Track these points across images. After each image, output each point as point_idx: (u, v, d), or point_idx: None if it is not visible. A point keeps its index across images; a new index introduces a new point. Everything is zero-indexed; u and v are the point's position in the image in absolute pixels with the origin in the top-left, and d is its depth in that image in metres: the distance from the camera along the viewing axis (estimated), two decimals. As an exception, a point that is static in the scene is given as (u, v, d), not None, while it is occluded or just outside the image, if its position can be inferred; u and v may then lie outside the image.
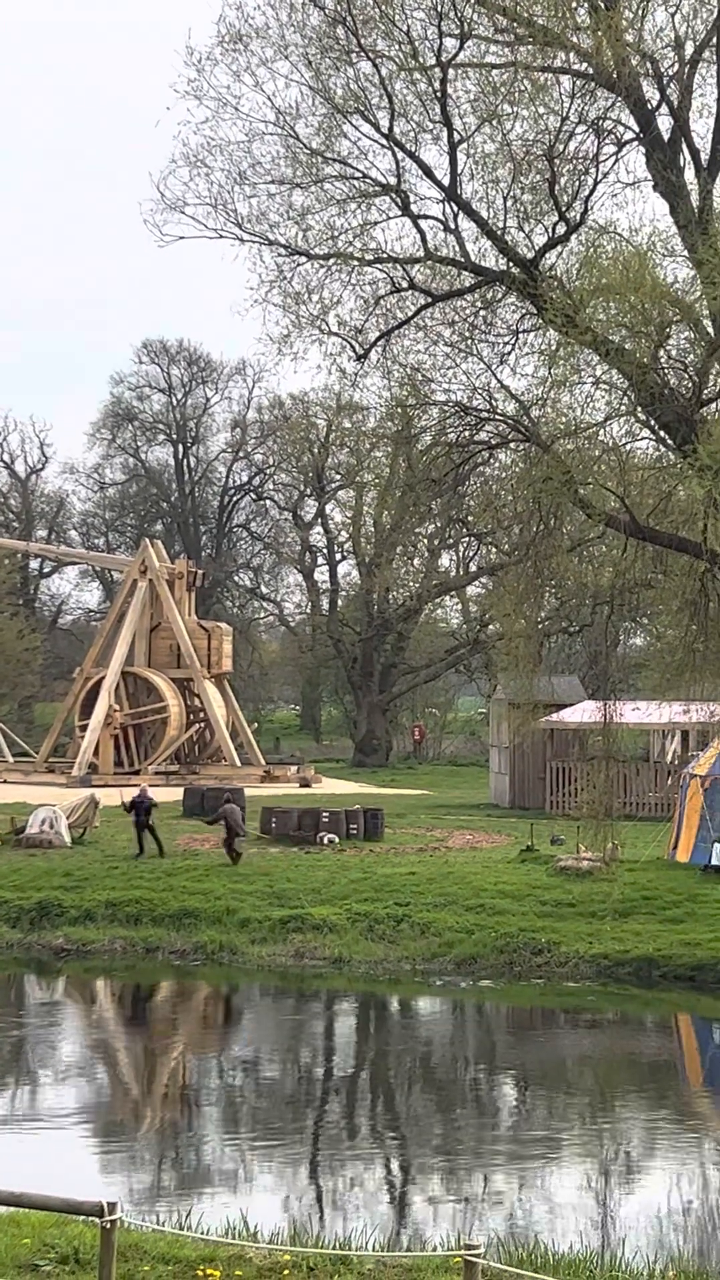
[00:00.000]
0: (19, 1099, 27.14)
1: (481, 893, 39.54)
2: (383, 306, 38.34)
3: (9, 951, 38.50)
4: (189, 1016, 34.61)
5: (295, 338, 37.85)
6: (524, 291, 36.36)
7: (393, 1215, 20.60)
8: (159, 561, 77.25)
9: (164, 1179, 22.35)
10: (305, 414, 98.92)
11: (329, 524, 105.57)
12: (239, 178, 37.79)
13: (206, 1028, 33.73)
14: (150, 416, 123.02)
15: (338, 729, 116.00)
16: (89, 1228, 15.34)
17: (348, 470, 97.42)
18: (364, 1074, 29.85)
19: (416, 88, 36.49)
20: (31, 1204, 12.46)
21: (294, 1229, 18.82)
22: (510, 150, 36.14)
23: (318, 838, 46.97)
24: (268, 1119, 25.60)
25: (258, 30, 36.65)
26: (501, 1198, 21.35)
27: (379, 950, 37.09)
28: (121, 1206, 11.87)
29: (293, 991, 35.56)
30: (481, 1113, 26.56)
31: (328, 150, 37.26)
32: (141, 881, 41.14)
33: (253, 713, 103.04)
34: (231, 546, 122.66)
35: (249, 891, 40.19)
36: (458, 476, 41.68)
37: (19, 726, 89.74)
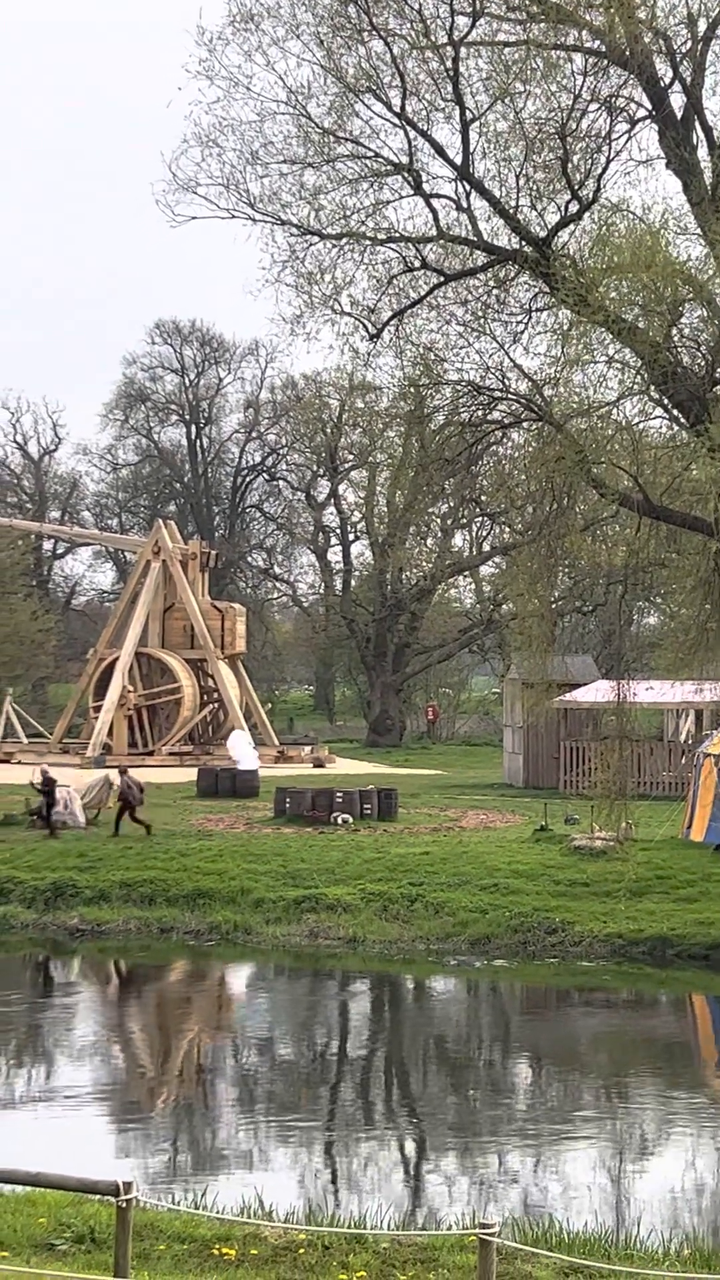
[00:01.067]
0: (35, 1078, 27.21)
1: (495, 872, 39.55)
2: (395, 286, 38.31)
3: (25, 932, 38.59)
4: (204, 996, 34.66)
5: (308, 317, 37.87)
6: (536, 270, 36.32)
7: (408, 1194, 20.63)
8: (172, 542, 77.23)
9: (179, 1158, 22.39)
10: (318, 394, 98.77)
11: (342, 504, 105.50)
12: (251, 157, 37.79)
13: (221, 1008, 33.78)
14: (163, 397, 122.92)
15: (351, 709, 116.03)
16: (105, 1207, 15.38)
17: (361, 450, 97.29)
18: (378, 1053, 29.89)
19: (428, 66, 36.45)
20: (48, 1183, 12.48)
21: (309, 1208, 18.87)
22: (523, 128, 36.08)
23: (332, 818, 46.98)
24: (283, 1098, 25.64)
25: (269, 9, 36.63)
26: (516, 1177, 21.38)
27: (393, 930, 37.12)
28: (137, 1186, 11.88)
29: (307, 971, 35.60)
30: (496, 1092, 26.58)
31: (340, 129, 37.22)
32: (156, 862, 41.19)
33: (266, 693, 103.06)
34: (245, 527, 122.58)
35: (263, 872, 40.22)
36: (471, 456, 41.65)
37: (33, 708, 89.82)
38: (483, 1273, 11.12)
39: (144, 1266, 14.31)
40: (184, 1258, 15.17)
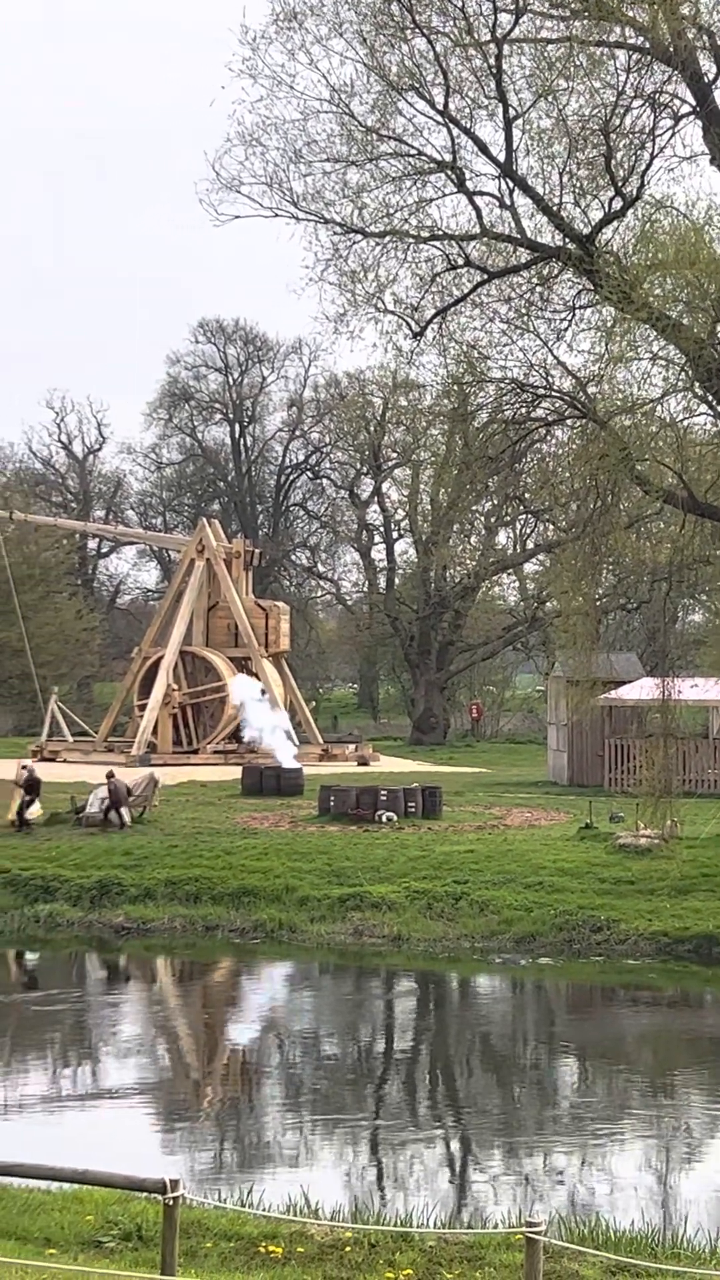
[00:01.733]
0: (82, 1076, 27.29)
1: (540, 870, 39.50)
2: (439, 284, 38.31)
3: (70, 929, 38.70)
4: (249, 994, 34.70)
5: (351, 316, 37.90)
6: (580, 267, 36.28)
7: (454, 1192, 20.62)
8: (216, 541, 77.34)
9: (226, 1156, 22.43)
10: (361, 392, 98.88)
11: (386, 502, 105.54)
12: (294, 156, 37.82)
13: (266, 1005, 33.81)
14: (207, 396, 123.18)
15: (395, 707, 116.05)
16: (152, 1205, 15.43)
17: (404, 448, 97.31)
18: (424, 1051, 29.88)
19: (471, 64, 36.42)
20: (95, 1181, 12.52)
21: (355, 1206, 18.88)
22: (566, 125, 36.03)
23: (376, 816, 46.98)
24: (329, 1096, 25.65)
25: (312, 8, 36.66)
26: (563, 1175, 21.34)
27: (438, 928, 37.11)
28: (184, 1183, 11.91)
29: (352, 969, 35.62)
30: (541, 1090, 26.55)
31: (383, 127, 37.22)
32: (201, 860, 41.25)
33: (310, 691, 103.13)
34: (288, 525, 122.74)
35: (308, 870, 40.25)
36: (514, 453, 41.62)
37: (78, 706, 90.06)
38: (529, 1271, 11.12)
39: (191, 1264, 14.35)
40: (230, 1255, 15.20)
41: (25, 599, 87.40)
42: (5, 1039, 29.83)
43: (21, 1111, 24.29)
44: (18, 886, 40.39)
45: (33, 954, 37.77)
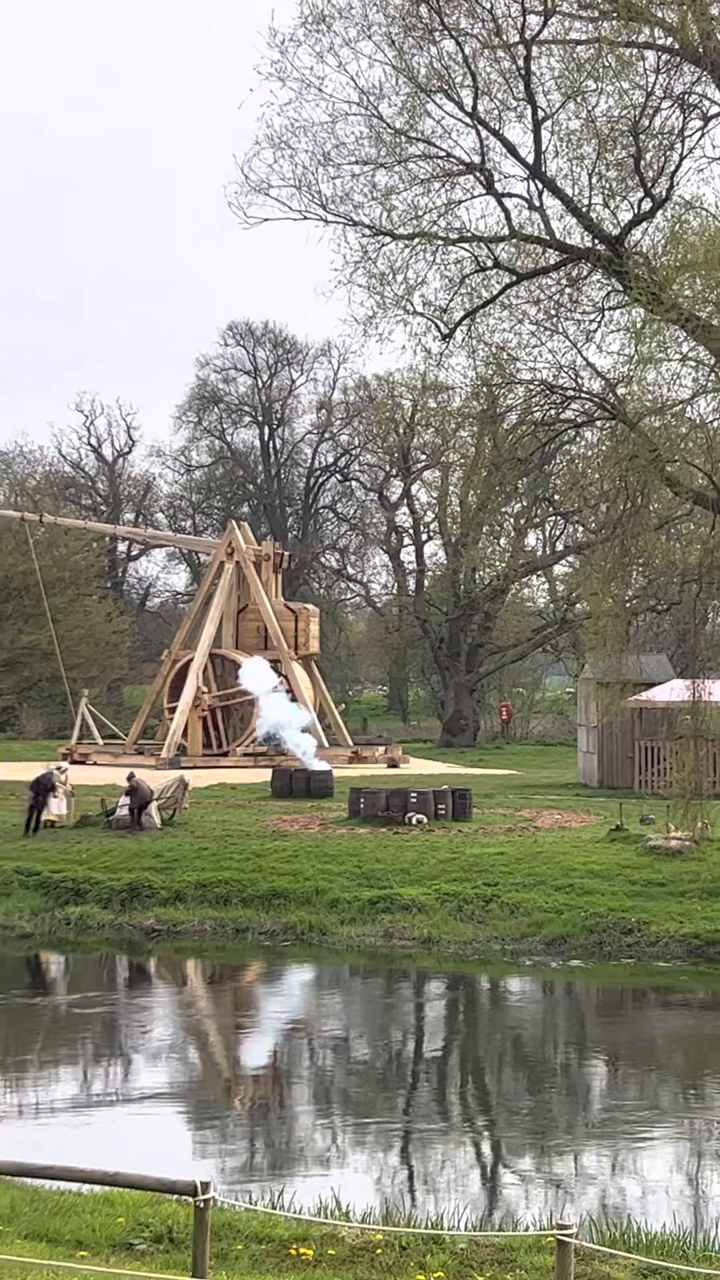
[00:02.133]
0: (112, 1078, 27.33)
1: (570, 872, 39.44)
2: (467, 286, 38.32)
3: (101, 932, 38.74)
4: (279, 996, 34.71)
5: (380, 318, 37.91)
6: (609, 268, 36.27)
7: (484, 1194, 20.59)
8: (245, 543, 77.42)
9: (257, 1158, 22.43)
10: (390, 394, 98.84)
11: (415, 504, 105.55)
12: (323, 159, 37.84)
13: (297, 1008, 33.81)
14: (236, 399, 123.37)
15: (425, 709, 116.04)
16: (183, 1207, 15.44)
17: (433, 450, 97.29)
18: (454, 1053, 29.86)
19: (500, 65, 36.42)
20: (126, 1183, 12.53)
21: (386, 1208, 18.87)
22: (595, 126, 36.03)
23: (406, 818, 46.97)
24: (360, 1098, 25.65)
25: (340, 10, 36.68)
26: (594, 1177, 21.30)
27: (468, 930, 37.08)
28: (215, 1186, 11.92)
29: (382, 972, 35.60)
30: (572, 1092, 26.51)
31: (411, 130, 37.23)
32: (231, 863, 41.27)
33: (340, 694, 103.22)
34: (318, 528, 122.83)
35: (338, 872, 40.25)
36: (544, 455, 41.63)
37: (108, 709, 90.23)
38: (560, 1274, 11.10)
39: (222, 1266, 14.35)
40: (261, 1258, 15.20)
41: (55, 602, 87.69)
42: (37, 1041, 29.90)
43: (53, 1114, 24.33)
44: (49, 889, 40.46)
45: (64, 956, 37.82)
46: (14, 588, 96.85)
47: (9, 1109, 24.85)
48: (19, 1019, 31.46)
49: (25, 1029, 30.79)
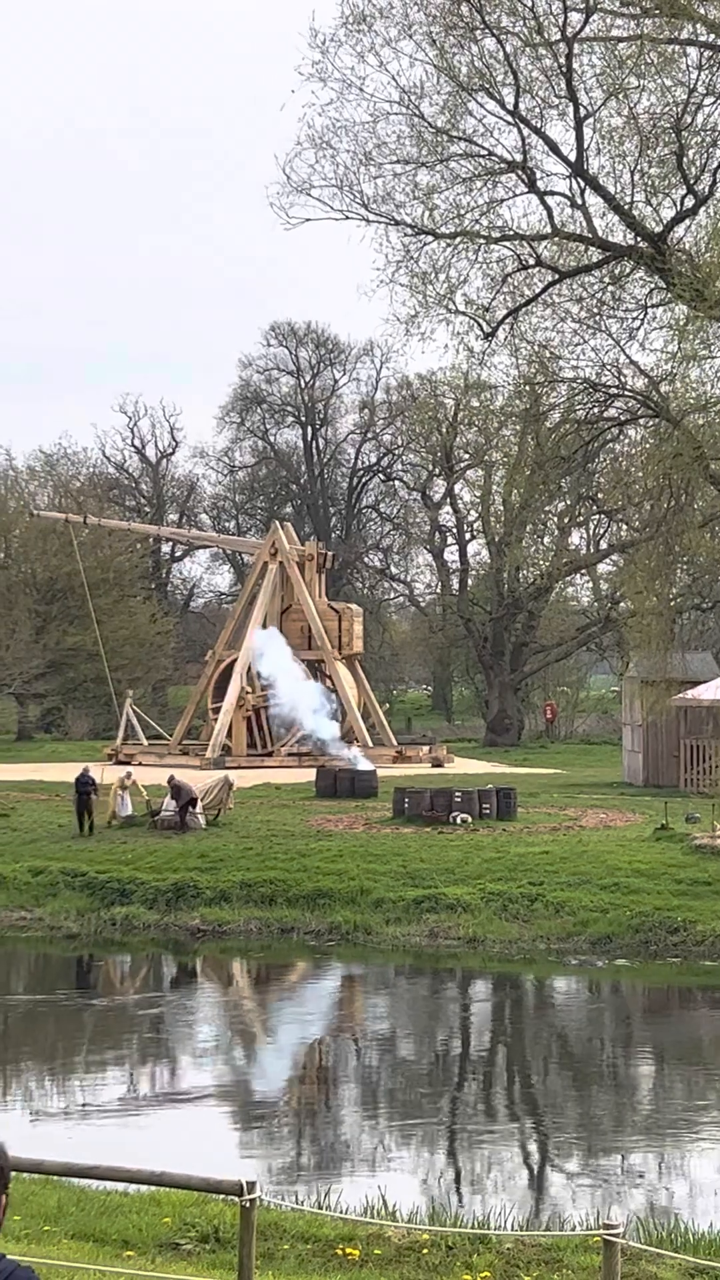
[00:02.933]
0: (159, 1078, 27.38)
1: (616, 871, 39.34)
2: (510, 284, 38.26)
3: (147, 932, 38.81)
4: (325, 996, 34.72)
5: (422, 317, 37.88)
6: (652, 266, 36.18)
7: (531, 1194, 20.56)
8: (289, 544, 77.45)
9: (303, 1158, 22.45)
10: (433, 394, 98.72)
11: (458, 503, 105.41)
12: (364, 158, 37.82)
13: (342, 1007, 33.83)
14: (279, 399, 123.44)
15: (469, 709, 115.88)
16: (229, 1207, 15.44)
17: (476, 449, 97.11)
18: (500, 1053, 29.82)
19: (542, 63, 36.35)
20: (172, 1183, 12.54)
21: (432, 1208, 18.84)
22: (637, 124, 35.94)
23: (450, 817, 46.92)
24: (405, 1098, 25.64)
25: (381, 10, 36.65)
26: (641, 1177, 21.24)
27: (513, 930, 37.02)
28: (261, 1185, 11.92)
29: (427, 971, 35.58)
30: (619, 1091, 26.44)
31: (453, 128, 37.18)
32: (276, 863, 41.30)
33: (384, 693, 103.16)
34: (361, 528, 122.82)
35: (383, 872, 40.23)
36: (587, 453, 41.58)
37: (152, 710, 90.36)
38: (607, 1273, 11.07)
39: (268, 1266, 14.36)
40: (308, 1257, 15.20)
41: (100, 603, 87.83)
42: (84, 1041, 29.99)
43: (101, 1113, 24.39)
44: (94, 889, 40.56)
45: (109, 956, 37.90)
46: (59, 589, 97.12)
47: (57, 1108, 24.94)
48: (66, 1019, 31.54)
49: (72, 1029, 30.88)
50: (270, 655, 70.90)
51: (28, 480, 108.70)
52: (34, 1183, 16.61)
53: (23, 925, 39.44)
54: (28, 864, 42.22)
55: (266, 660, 71.22)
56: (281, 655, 70.72)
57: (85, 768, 48.54)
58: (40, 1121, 23.92)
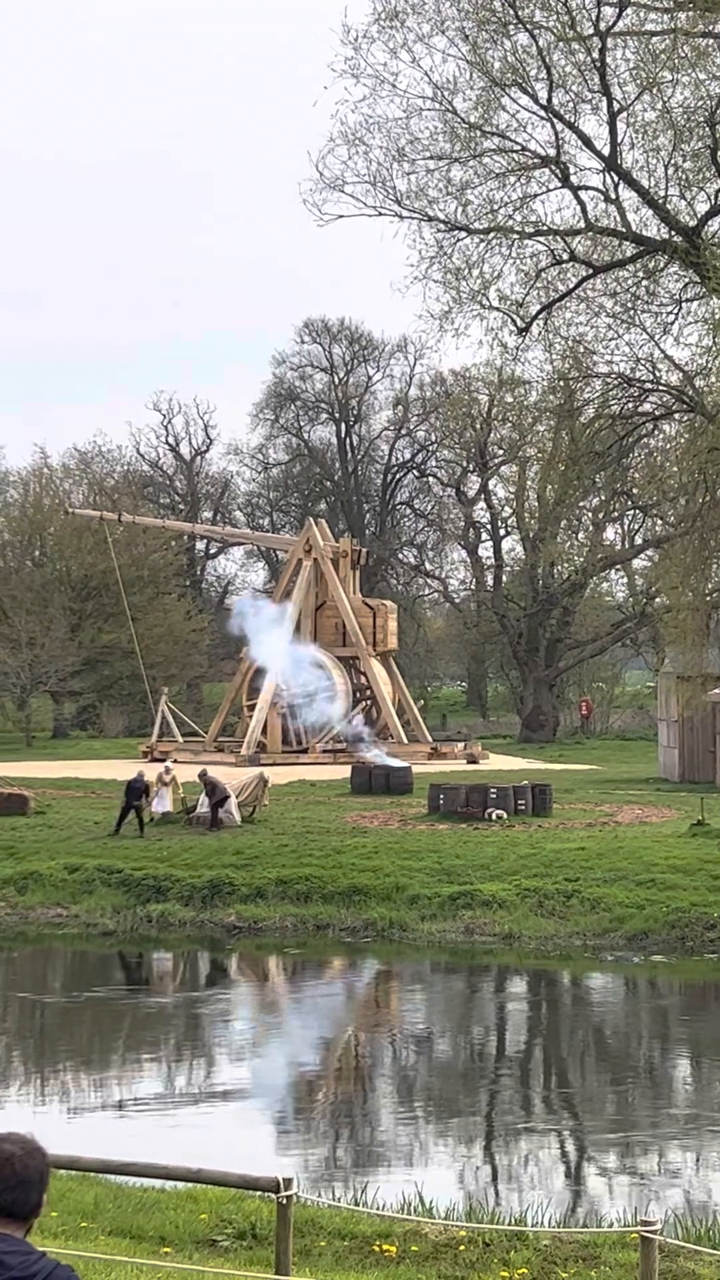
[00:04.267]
0: (195, 1074, 27.41)
1: (652, 867, 39.25)
2: (543, 279, 38.17)
3: (183, 929, 38.85)
4: (361, 993, 34.72)
5: (456, 313, 37.79)
6: (686, 260, 36.07)
7: (568, 1190, 20.52)
8: (323, 540, 77.53)
9: (339, 1154, 22.44)
10: (467, 390, 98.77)
11: (492, 500, 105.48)
12: (397, 154, 37.73)
13: (379, 1004, 33.82)
14: (313, 396, 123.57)
15: (504, 705, 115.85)
16: (265, 1203, 15.45)
17: (510, 445, 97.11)
18: (537, 1049, 29.78)
19: (575, 58, 36.24)
20: (209, 1180, 12.56)
21: (469, 1204, 18.81)
22: (671, 118, 35.82)
23: (486, 814, 46.91)
24: (442, 1094, 25.62)
25: (414, 6, 36.57)
26: (678, 1173, 21.19)
27: (549, 926, 36.95)
28: (297, 1182, 11.91)
29: (464, 968, 35.55)
30: (656, 1088, 26.38)
31: (486, 124, 37.08)
32: (311, 859, 41.30)
33: (419, 690, 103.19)
34: (395, 524, 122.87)
35: (418, 868, 40.21)
36: (622, 449, 41.45)
37: (187, 706, 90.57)
38: (645, 1270, 11.05)
39: (305, 1263, 14.35)
40: (345, 1254, 15.19)
41: (134, 600, 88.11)
42: (121, 1037, 30.04)
43: (138, 1110, 24.43)
44: (130, 886, 40.61)
45: (145, 953, 37.96)
46: (94, 587, 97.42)
47: (94, 1105, 24.98)
48: (103, 1016, 31.60)
49: (109, 1026, 30.93)
50: (270, 645, 71.23)
51: (63, 478, 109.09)
52: (71, 1179, 16.64)
53: (59, 922, 39.53)
54: (64, 861, 42.31)
55: (263, 647, 71.61)
56: (281, 648, 70.99)
57: (140, 773, 48.29)
58: (77, 1118, 23.96)
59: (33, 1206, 5.44)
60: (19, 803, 50.21)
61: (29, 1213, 5.43)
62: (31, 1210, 5.43)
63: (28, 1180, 5.41)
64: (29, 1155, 5.45)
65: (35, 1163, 5.46)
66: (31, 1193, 5.43)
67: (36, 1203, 5.45)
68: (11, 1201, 5.38)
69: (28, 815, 49.25)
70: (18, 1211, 5.40)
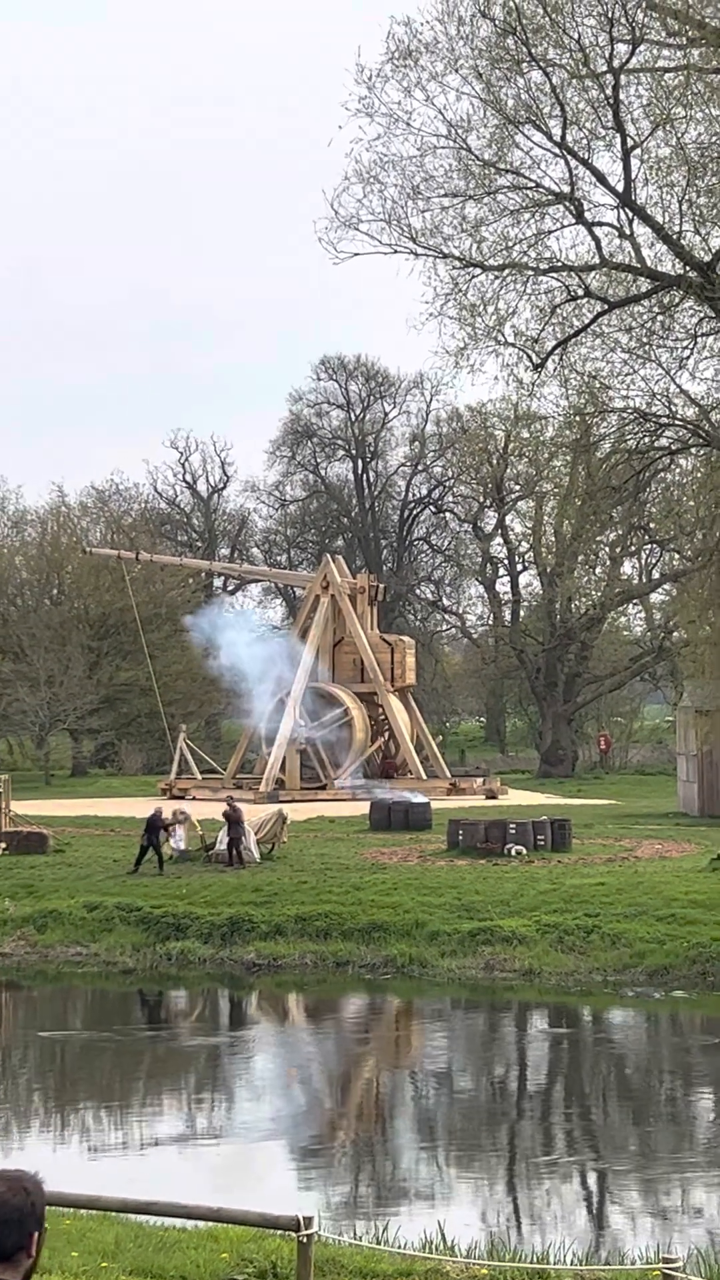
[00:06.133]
0: (216, 1112, 27.34)
1: (672, 902, 39.13)
2: (559, 315, 38.26)
3: (202, 967, 38.80)
4: (381, 1030, 34.64)
5: (472, 349, 37.91)
6: (701, 295, 36.15)
7: (590, 1228, 20.44)
8: (340, 577, 77.56)
9: (360, 1192, 22.37)
10: (483, 425, 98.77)
11: (509, 535, 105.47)
12: (412, 192, 37.88)
13: (399, 1041, 33.74)
14: (329, 432, 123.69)
15: (523, 740, 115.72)
16: (286, 1242, 15.39)
17: (527, 480, 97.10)
18: (558, 1086, 29.69)
19: (588, 95, 36.38)
20: (229, 1219, 12.54)
21: (491, 1242, 18.74)
22: (685, 153, 35.93)
23: (505, 849, 46.81)
24: (463, 1132, 25.54)
25: (427, 45, 36.74)
26: (701, 1210, 21.10)
27: (569, 962, 36.85)
28: (318, 1220, 11.89)
29: (484, 1004, 35.46)
30: (678, 1124, 26.28)
31: (500, 161, 37.23)
32: (330, 896, 41.24)
33: (437, 725, 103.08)
34: (412, 560, 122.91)
35: (438, 904, 40.13)
36: (638, 483, 41.49)
37: (206, 744, 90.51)
38: (669, 1308, 11.00)
39: (327, 1301, 14.31)
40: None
41: (152, 638, 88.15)
42: (141, 1076, 29.99)
43: (158, 1148, 24.38)
44: (149, 924, 40.57)
45: (164, 991, 37.91)
46: (111, 624, 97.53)
47: (115, 1143, 24.93)
48: (123, 1054, 31.55)
49: (129, 1064, 30.89)
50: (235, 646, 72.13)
51: (80, 516, 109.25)
52: (91, 1219, 16.60)
53: (79, 960, 39.49)
54: (83, 899, 42.28)
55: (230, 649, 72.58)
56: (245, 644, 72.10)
57: (158, 809, 48.38)
58: (98, 1157, 23.92)
59: (11, 1247, 5.02)
60: (38, 841, 50.22)
61: (10, 1253, 5.02)
62: (13, 1250, 5.03)
63: (6, 1219, 5.02)
64: (11, 1193, 5.05)
65: (17, 1200, 5.05)
66: (10, 1232, 5.02)
67: (16, 1243, 5.03)
68: None
69: (47, 854, 49.24)
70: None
